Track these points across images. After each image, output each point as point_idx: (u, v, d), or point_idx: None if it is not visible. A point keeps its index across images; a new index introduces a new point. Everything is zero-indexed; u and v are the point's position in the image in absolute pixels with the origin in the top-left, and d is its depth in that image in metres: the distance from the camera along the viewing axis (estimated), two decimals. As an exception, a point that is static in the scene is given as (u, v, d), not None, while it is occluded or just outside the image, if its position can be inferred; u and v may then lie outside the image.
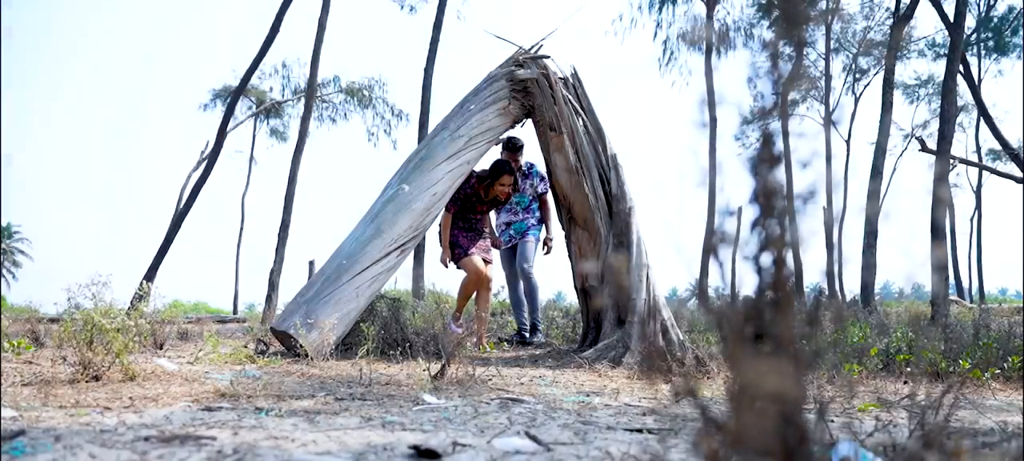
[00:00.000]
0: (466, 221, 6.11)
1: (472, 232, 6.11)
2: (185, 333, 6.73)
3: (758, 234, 0.77)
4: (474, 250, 6.03)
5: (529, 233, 6.42)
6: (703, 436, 0.77)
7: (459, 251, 6.01)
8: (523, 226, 6.44)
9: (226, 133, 14.20)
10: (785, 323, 0.73)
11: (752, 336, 0.75)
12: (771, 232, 0.75)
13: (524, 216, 6.47)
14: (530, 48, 5.93)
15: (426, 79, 16.08)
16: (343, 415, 2.49)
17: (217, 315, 17.78)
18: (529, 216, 6.47)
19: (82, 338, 3.47)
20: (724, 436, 0.75)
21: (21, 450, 1.62)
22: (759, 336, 0.75)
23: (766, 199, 0.76)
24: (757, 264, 0.78)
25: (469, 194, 5.98)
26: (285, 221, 14.42)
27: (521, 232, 6.44)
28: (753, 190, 0.77)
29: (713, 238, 0.85)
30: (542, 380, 4.10)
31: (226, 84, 27.94)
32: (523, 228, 6.44)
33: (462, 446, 1.81)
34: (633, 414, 2.81)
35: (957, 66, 12.69)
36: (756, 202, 0.77)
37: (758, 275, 0.77)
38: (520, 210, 6.48)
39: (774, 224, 0.76)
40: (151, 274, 12.92)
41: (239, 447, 1.70)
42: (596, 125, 5.82)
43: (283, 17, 13.87)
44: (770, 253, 0.77)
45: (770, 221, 0.76)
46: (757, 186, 0.77)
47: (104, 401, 2.77)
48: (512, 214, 6.51)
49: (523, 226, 6.44)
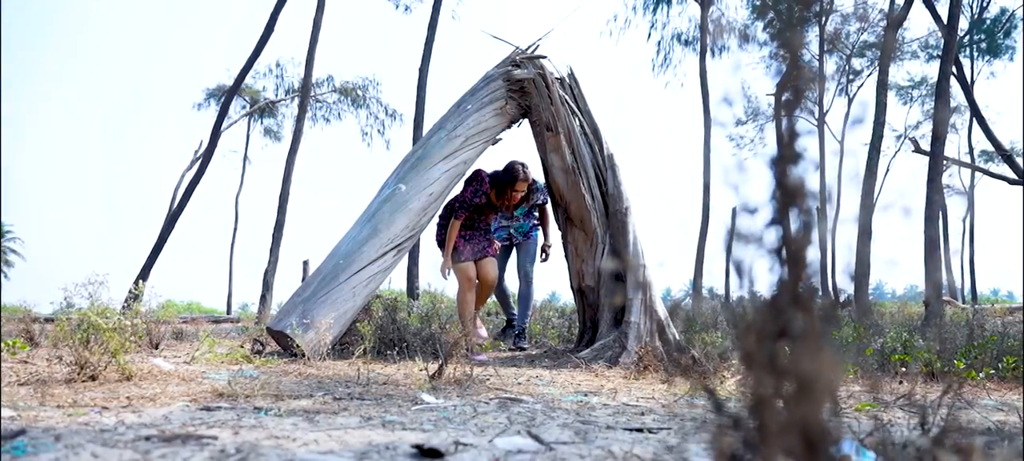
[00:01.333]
0: (468, 220, 5.95)
1: (471, 231, 5.93)
2: (180, 333, 6.70)
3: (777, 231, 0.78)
4: (469, 254, 5.86)
5: (532, 234, 6.35)
6: (720, 435, 0.77)
7: (455, 255, 5.85)
8: (525, 227, 6.34)
9: (220, 132, 14.17)
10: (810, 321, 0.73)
11: (773, 335, 0.75)
12: (792, 228, 0.75)
13: (524, 220, 6.36)
14: (527, 48, 5.94)
15: (421, 79, 16.06)
16: (343, 415, 2.49)
17: (211, 315, 17.73)
18: (531, 220, 6.38)
19: (78, 338, 3.45)
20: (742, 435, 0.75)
21: (22, 450, 1.62)
22: (779, 335, 0.76)
23: (787, 194, 0.76)
24: (778, 261, 0.78)
25: (480, 204, 5.83)
26: (280, 221, 14.40)
27: (523, 233, 6.34)
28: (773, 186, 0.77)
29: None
30: (540, 380, 4.10)
31: (220, 83, 27.89)
32: (525, 228, 6.34)
33: (464, 445, 1.81)
34: (632, 413, 2.81)
35: (950, 68, 12.75)
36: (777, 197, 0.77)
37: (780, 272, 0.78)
38: (520, 217, 6.37)
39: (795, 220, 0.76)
40: (144, 273, 12.87)
41: (241, 446, 1.69)
42: (592, 125, 5.83)
43: (277, 16, 13.85)
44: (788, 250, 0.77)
45: (790, 217, 0.76)
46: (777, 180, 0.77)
47: (101, 401, 2.77)
48: (510, 220, 6.39)
49: (525, 227, 6.34)
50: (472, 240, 5.90)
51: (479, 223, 5.96)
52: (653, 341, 5.22)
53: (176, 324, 6.84)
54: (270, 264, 14.09)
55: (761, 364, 0.73)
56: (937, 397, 1.85)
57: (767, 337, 0.74)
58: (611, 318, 5.52)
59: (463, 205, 5.74)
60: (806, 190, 0.75)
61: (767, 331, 0.74)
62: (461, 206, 5.73)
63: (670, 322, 5.54)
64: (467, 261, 5.83)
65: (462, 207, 5.74)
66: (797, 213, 0.76)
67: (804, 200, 0.75)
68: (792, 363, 0.72)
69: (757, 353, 0.74)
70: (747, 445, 0.75)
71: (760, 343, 0.74)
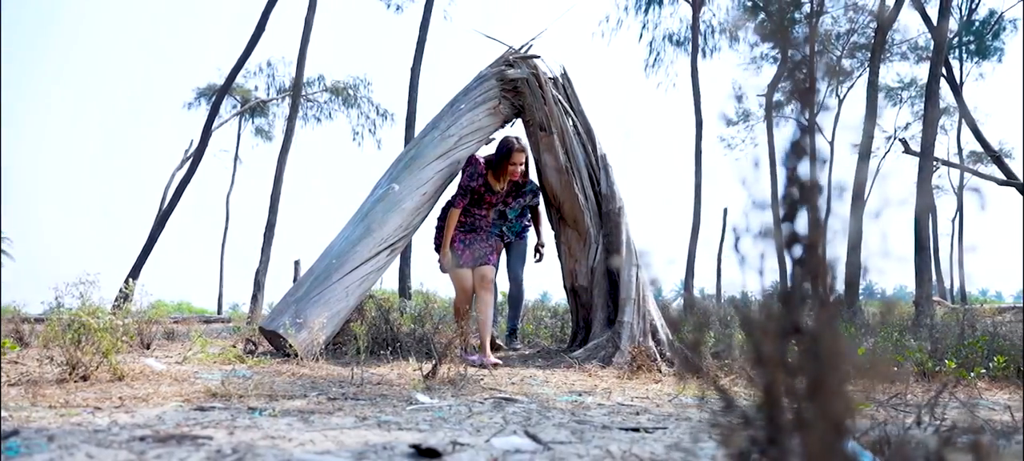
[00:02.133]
0: (469, 217, 5.46)
1: (473, 234, 5.43)
2: (171, 333, 6.67)
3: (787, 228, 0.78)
4: (469, 260, 5.33)
5: (524, 235, 6.00)
6: (732, 434, 0.77)
7: (454, 257, 5.35)
8: (517, 227, 5.92)
9: (211, 132, 14.08)
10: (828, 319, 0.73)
11: (784, 333, 0.75)
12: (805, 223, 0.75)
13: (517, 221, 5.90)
14: (520, 48, 5.93)
15: (413, 79, 16.02)
16: (338, 415, 2.48)
17: (201, 315, 17.65)
18: (524, 220, 5.98)
19: (69, 338, 3.43)
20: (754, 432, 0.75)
21: (16, 450, 1.60)
22: (790, 333, 0.75)
23: (801, 190, 0.76)
24: (791, 259, 0.78)
25: (477, 187, 5.37)
26: (271, 221, 14.33)
27: (516, 233, 5.91)
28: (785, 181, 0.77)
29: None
30: (533, 380, 4.10)
31: (210, 83, 27.74)
32: (517, 229, 5.92)
33: (461, 445, 1.80)
34: (627, 413, 2.81)
35: (941, 69, 12.83)
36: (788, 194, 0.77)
37: (794, 269, 0.78)
38: (513, 217, 5.89)
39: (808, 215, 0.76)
40: (135, 273, 12.79)
41: (238, 447, 1.68)
42: (586, 125, 5.83)
43: (269, 15, 13.79)
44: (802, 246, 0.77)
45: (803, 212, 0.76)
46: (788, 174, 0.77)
47: (94, 401, 2.75)
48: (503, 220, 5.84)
49: (517, 227, 5.92)
50: (473, 246, 5.39)
51: (480, 221, 5.48)
52: (646, 341, 5.23)
53: (167, 324, 6.81)
54: (261, 264, 14.02)
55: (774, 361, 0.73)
56: (933, 396, 1.86)
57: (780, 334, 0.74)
58: (604, 318, 5.53)
59: (461, 191, 5.36)
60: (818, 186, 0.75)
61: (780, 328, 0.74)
62: (459, 193, 5.38)
63: (664, 322, 5.55)
64: (466, 268, 5.34)
65: (460, 194, 5.36)
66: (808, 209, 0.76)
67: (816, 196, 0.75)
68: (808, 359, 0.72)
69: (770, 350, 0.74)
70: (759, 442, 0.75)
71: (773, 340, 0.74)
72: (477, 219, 5.46)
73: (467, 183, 5.32)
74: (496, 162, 5.35)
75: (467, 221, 5.43)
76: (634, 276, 5.41)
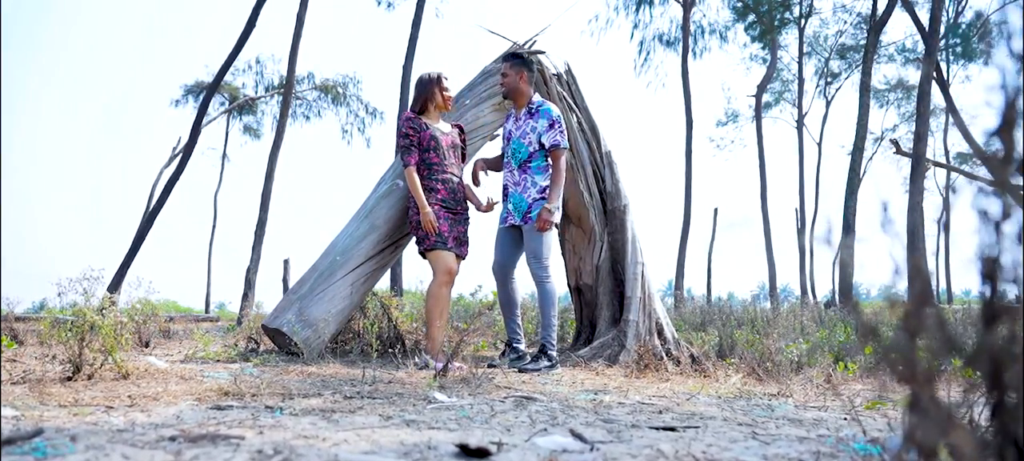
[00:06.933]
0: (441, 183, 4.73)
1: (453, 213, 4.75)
2: (168, 331, 6.57)
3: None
4: (452, 243, 4.68)
5: (532, 212, 4.73)
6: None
7: (435, 238, 4.61)
8: (523, 202, 4.77)
9: (200, 130, 13.89)
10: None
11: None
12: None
13: (523, 180, 4.80)
14: (525, 43, 5.87)
15: (405, 76, 15.92)
16: (359, 413, 2.41)
17: (188, 314, 17.48)
18: (529, 183, 4.78)
19: (74, 335, 3.34)
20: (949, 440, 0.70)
21: (43, 451, 1.53)
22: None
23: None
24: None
25: (411, 134, 4.70)
26: (262, 218, 14.18)
27: (522, 211, 4.77)
28: None
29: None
30: (543, 378, 4.05)
31: (199, 80, 27.48)
32: (524, 205, 4.76)
33: (506, 445, 1.74)
34: (649, 412, 2.76)
35: (932, 71, 12.89)
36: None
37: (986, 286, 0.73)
38: (516, 169, 4.85)
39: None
40: (122, 272, 12.60)
41: (279, 446, 1.61)
42: (590, 122, 5.78)
43: (259, 12, 13.64)
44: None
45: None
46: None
47: (103, 400, 2.67)
48: (508, 172, 4.93)
49: (523, 202, 4.77)
50: (454, 229, 4.73)
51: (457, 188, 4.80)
52: (652, 340, 5.18)
53: (163, 322, 6.71)
54: (252, 262, 13.86)
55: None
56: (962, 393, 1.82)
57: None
58: (610, 316, 5.48)
59: (406, 146, 4.68)
60: None
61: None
62: (405, 150, 4.68)
63: (669, 321, 5.51)
64: (450, 249, 4.67)
65: (405, 150, 4.67)
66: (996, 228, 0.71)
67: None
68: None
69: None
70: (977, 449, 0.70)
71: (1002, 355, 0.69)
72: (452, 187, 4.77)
73: (404, 130, 4.73)
74: (421, 92, 4.84)
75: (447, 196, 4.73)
76: (639, 274, 5.37)
